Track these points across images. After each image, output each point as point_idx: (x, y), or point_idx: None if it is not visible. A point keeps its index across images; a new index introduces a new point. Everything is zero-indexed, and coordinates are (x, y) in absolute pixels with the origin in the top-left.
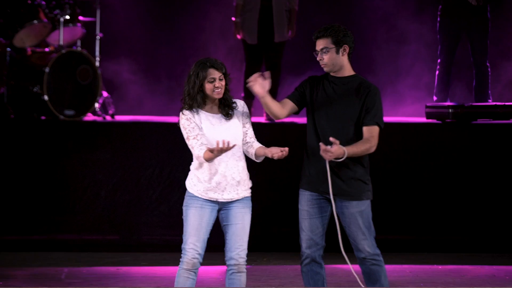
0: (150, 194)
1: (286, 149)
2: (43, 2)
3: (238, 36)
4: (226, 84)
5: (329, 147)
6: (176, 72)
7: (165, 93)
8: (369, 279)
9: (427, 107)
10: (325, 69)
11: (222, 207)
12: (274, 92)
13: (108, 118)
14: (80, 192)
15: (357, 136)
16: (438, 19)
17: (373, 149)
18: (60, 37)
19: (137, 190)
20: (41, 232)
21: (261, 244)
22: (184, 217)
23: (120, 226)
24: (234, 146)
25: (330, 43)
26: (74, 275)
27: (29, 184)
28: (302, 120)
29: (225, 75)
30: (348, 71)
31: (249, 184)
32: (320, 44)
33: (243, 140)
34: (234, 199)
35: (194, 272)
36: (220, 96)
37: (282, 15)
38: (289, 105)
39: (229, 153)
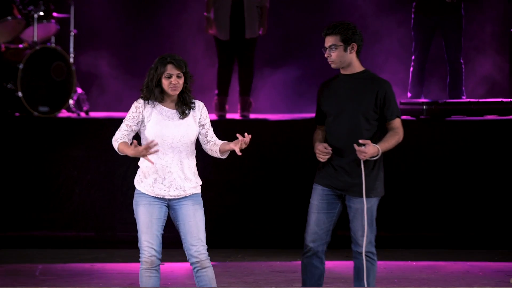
0: (124, 190)
1: (248, 136)
2: None
3: (210, 32)
4: (186, 83)
5: (362, 147)
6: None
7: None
8: (358, 275)
9: (401, 103)
10: (333, 65)
11: (171, 205)
12: (247, 89)
13: (83, 114)
14: (54, 189)
15: (369, 133)
16: (412, 16)
17: (401, 139)
18: (34, 33)
19: (112, 187)
20: (15, 228)
21: (236, 240)
22: (135, 216)
23: (95, 222)
24: (155, 150)
25: (339, 41)
26: (48, 272)
27: (3, 180)
28: (274, 117)
29: (185, 74)
30: (357, 67)
31: (198, 181)
32: (328, 41)
33: (204, 140)
34: (181, 196)
35: (156, 270)
36: (175, 93)
37: (253, 12)
38: (322, 130)
39: (176, 150)
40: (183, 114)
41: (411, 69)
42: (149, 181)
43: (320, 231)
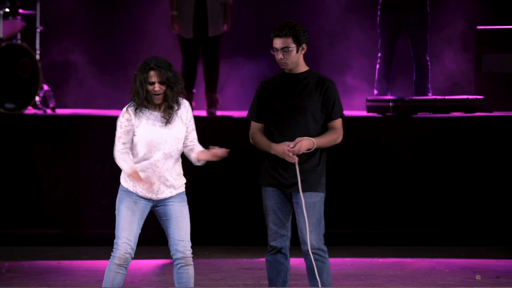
0: (92, 187)
1: (225, 151)
2: None
3: (174, 30)
4: (171, 88)
5: (294, 144)
6: (124, 62)
7: (113, 84)
8: (311, 275)
9: (367, 100)
10: (284, 67)
11: (158, 204)
12: (213, 86)
13: (49, 111)
14: (21, 186)
15: (317, 131)
16: (378, 13)
17: (340, 139)
18: (0, 30)
19: (79, 184)
20: None
21: (203, 237)
22: (116, 212)
23: (61, 220)
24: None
25: (292, 43)
26: (15, 269)
27: None
28: (238, 114)
29: (169, 79)
30: (303, 67)
31: (183, 181)
32: (280, 43)
33: (183, 143)
34: (169, 196)
35: (125, 267)
36: (159, 101)
37: (216, 9)
38: (261, 128)
39: (167, 155)
40: (167, 121)
41: (377, 66)
42: (136, 183)
43: (280, 230)
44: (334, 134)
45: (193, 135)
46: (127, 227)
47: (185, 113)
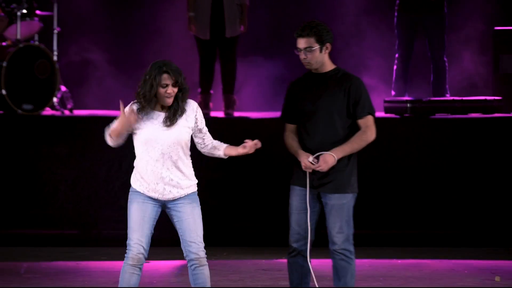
0: (109, 188)
1: (257, 142)
2: None
3: (191, 31)
4: (180, 92)
5: (317, 165)
6: (142, 62)
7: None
8: (336, 274)
9: (385, 101)
10: (308, 67)
11: (167, 204)
12: (231, 87)
13: (67, 112)
14: (39, 187)
15: (345, 130)
16: (396, 14)
17: (372, 139)
18: (17, 31)
19: (96, 185)
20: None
21: (221, 238)
22: (128, 213)
23: (79, 220)
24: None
25: (314, 42)
26: (33, 270)
27: None
28: (255, 114)
29: (180, 83)
30: (329, 65)
31: (193, 181)
32: (303, 42)
33: (201, 145)
34: (177, 197)
35: (139, 268)
36: (170, 102)
37: (233, 10)
38: (293, 129)
39: (166, 155)
40: (171, 122)
41: (395, 67)
42: (144, 182)
43: (302, 231)
44: (363, 135)
45: (208, 136)
46: (138, 228)
47: (192, 114)
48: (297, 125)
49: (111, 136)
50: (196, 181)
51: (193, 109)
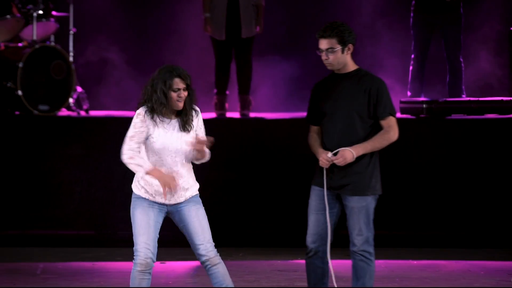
0: (125, 189)
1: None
2: None
3: (207, 32)
4: (190, 97)
5: (335, 157)
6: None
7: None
8: (355, 274)
9: (401, 102)
10: (330, 68)
11: (171, 209)
12: (246, 88)
13: (83, 113)
14: (55, 187)
15: (365, 131)
16: (412, 14)
17: (394, 138)
18: (34, 32)
19: (112, 185)
20: (16, 227)
21: (237, 239)
22: (131, 219)
23: (95, 221)
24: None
25: (336, 43)
26: (49, 271)
27: (3, 179)
28: (271, 115)
29: (189, 87)
30: (351, 66)
31: (196, 185)
32: (325, 43)
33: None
34: (182, 201)
35: (149, 272)
36: (181, 106)
37: (249, 11)
38: (317, 130)
39: (179, 162)
40: (184, 129)
41: (411, 68)
42: (150, 188)
43: (321, 232)
44: (385, 135)
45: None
46: (144, 232)
47: (196, 120)
48: (320, 126)
49: (136, 169)
50: (198, 185)
51: (197, 115)
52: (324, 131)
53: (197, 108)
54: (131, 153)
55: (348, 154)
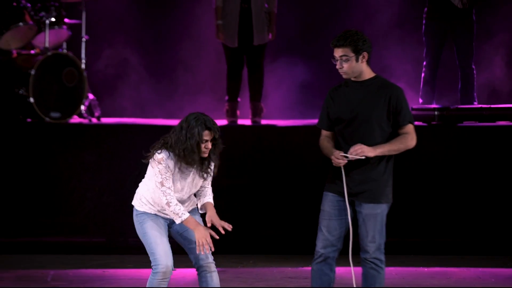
0: None
1: (227, 225)
2: (29, 5)
3: (219, 39)
4: (214, 146)
5: (357, 147)
6: (172, 69)
7: (161, 91)
8: (365, 282)
9: (413, 109)
10: (345, 76)
11: (172, 222)
12: (258, 95)
13: (94, 120)
14: (66, 195)
15: (384, 139)
16: (424, 21)
17: (412, 144)
18: (46, 39)
19: (123, 192)
20: (27, 234)
21: (248, 246)
22: (142, 234)
23: (106, 228)
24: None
25: (350, 52)
26: (60, 278)
27: (15, 186)
28: (282, 122)
29: (216, 139)
30: (368, 74)
31: (195, 199)
32: (339, 52)
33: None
34: None
35: (168, 279)
36: (206, 156)
37: (261, 18)
38: (329, 135)
39: (191, 196)
40: (201, 177)
41: (423, 74)
42: (155, 207)
43: (332, 238)
44: (403, 140)
45: (207, 183)
46: (161, 242)
47: (213, 168)
48: (334, 132)
49: (172, 216)
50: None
51: (212, 168)
52: (342, 138)
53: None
54: (167, 199)
55: (366, 147)
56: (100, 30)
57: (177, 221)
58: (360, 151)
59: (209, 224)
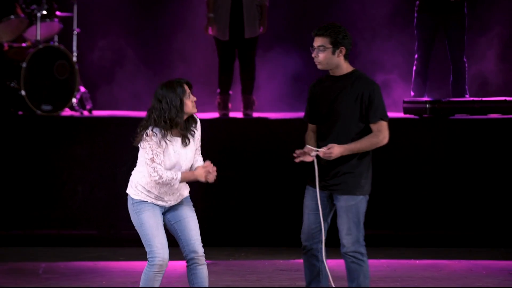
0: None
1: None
2: None
3: (209, 32)
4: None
5: (326, 149)
6: (164, 62)
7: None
8: (349, 276)
9: (404, 102)
10: (319, 67)
11: (166, 210)
12: (249, 88)
13: (86, 113)
14: (57, 188)
15: (358, 135)
16: (416, 14)
17: (383, 143)
18: (37, 32)
19: (115, 185)
20: (18, 227)
21: (239, 238)
22: (138, 224)
23: (98, 221)
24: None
25: (328, 43)
26: (51, 270)
27: (6, 179)
28: (274, 115)
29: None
30: (346, 68)
31: (188, 188)
32: (317, 41)
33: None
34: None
35: (163, 272)
36: (196, 111)
37: (252, 11)
38: (314, 129)
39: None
40: (185, 144)
41: (414, 68)
42: (152, 194)
43: (313, 231)
44: (374, 138)
45: (198, 157)
46: (157, 233)
47: (198, 132)
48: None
49: (183, 181)
50: (189, 188)
51: (198, 126)
52: (319, 133)
53: (198, 120)
54: (158, 173)
55: (336, 148)
56: (93, 22)
57: (176, 185)
58: (328, 153)
59: (204, 169)
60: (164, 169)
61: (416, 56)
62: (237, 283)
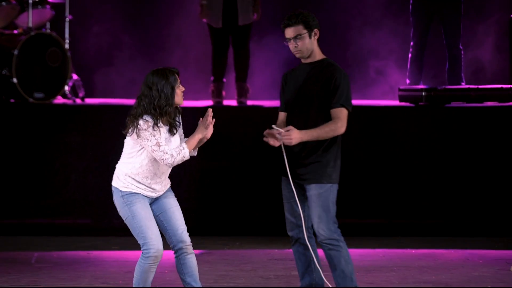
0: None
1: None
2: None
3: (204, 20)
4: None
5: (286, 132)
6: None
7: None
8: (331, 264)
9: (400, 90)
10: (299, 55)
11: (152, 201)
12: (243, 75)
13: (78, 101)
14: (50, 176)
15: (324, 121)
16: (411, 1)
17: (340, 131)
18: (29, 19)
19: (108, 174)
20: (11, 216)
21: (234, 228)
22: (130, 216)
23: (91, 210)
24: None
25: (303, 29)
26: (44, 260)
27: None
28: (268, 103)
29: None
30: (318, 55)
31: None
32: (291, 32)
33: None
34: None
35: (157, 263)
36: (182, 102)
37: None
38: (283, 118)
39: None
40: (172, 133)
41: (410, 55)
42: (141, 185)
43: (295, 219)
44: (331, 125)
45: (183, 138)
46: (150, 225)
47: (179, 120)
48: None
49: (190, 150)
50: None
51: (180, 115)
52: (287, 120)
53: (180, 109)
54: (169, 153)
55: (295, 132)
56: (86, 9)
57: (187, 156)
58: (287, 139)
59: (202, 125)
60: (170, 148)
61: (411, 43)
62: (231, 272)
